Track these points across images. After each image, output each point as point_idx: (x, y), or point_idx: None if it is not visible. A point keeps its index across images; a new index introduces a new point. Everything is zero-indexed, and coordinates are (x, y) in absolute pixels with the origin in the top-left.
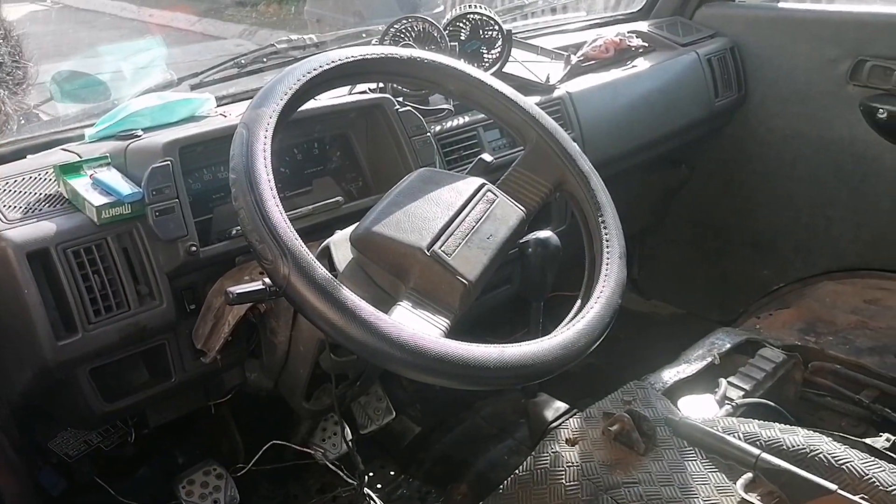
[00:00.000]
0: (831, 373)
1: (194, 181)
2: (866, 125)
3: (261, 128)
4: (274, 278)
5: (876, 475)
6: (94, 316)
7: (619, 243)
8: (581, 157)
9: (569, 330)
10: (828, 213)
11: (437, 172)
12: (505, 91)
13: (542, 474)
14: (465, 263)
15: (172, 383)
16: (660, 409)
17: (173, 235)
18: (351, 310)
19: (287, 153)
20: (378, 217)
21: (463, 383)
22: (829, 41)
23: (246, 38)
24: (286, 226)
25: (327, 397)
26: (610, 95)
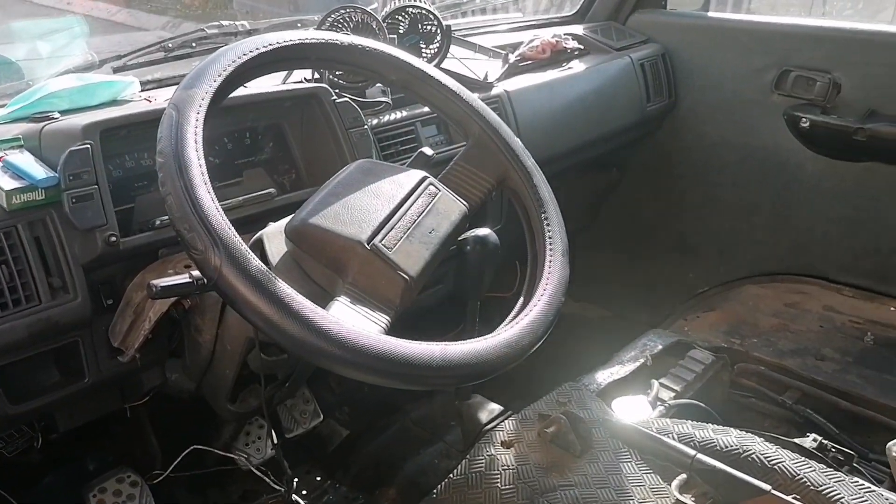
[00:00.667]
0: (755, 374)
1: (115, 168)
2: (790, 134)
3: (192, 110)
4: (204, 270)
5: (807, 475)
6: (1, 310)
7: (561, 240)
8: (524, 153)
9: (512, 328)
10: (751, 219)
11: (377, 164)
12: (448, 83)
13: (476, 478)
14: (407, 258)
15: (86, 384)
16: (595, 411)
17: (91, 224)
18: (287, 304)
19: (217, 142)
20: (315, 208)
21: (404, 382)
22: (757, 51)
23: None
24: (218, 214)
25: (254, 399)
26: (547, 95)
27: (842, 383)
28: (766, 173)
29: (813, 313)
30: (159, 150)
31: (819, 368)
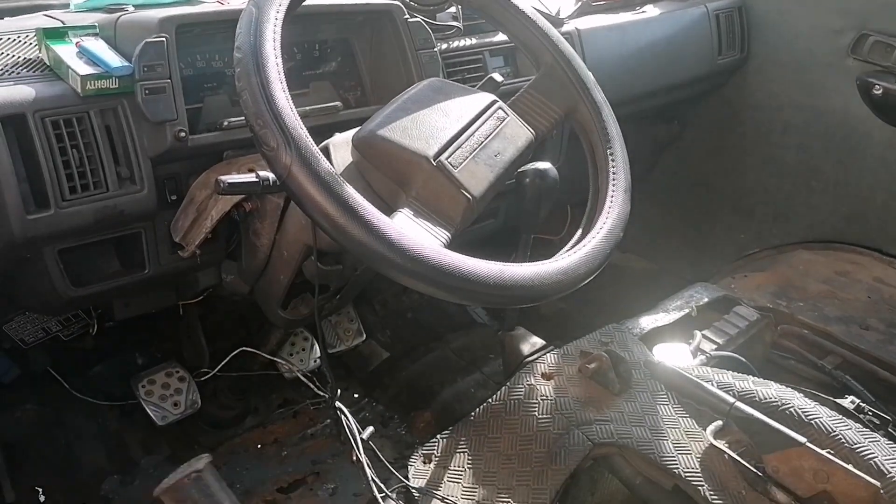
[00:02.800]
0: (798, 337)
1: (186, 67)
2: (860, 100)
3: (272, 8)
4: (274, 167)
5: (843, 433)
6: (70, 193)
7: (625, 177)
8: (595, 87)
9: (569, 256)
10: (811, 184)
11: (447, 83)
12: (525, 10)
13: (514, 405)
14: (471, 178)
15: (145, 275)
16: (636, 353)
17: (162, 118)
18: (353, 208)
19: (286, 51)
20: (384, 121)
21: (459, 297)
22: (835, 11)
23: None
24: (292, 113)
25: (304, 307)
26: (617, 38)
27: (884, 353)
28: (832, 138)
29: (862, 283)
30: (237, 46)
31: (862, 337)
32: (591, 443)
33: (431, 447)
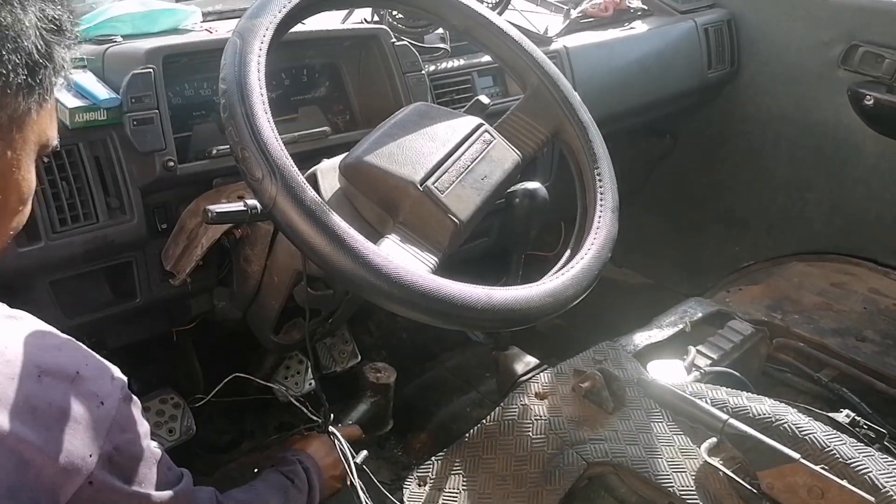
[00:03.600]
0: (794, 350)
1: (175, 95)
2: (852, 111)
3: (256, 39)
4: (260, 197)
5: (837, 448)
6: (60, 225)
7: (612, 197)
8: (581, 107)
9: (557, 278)
10: (804, 195)
11: (433, 108)
12: (510, 32)
13: (509, 425)
14: (458, 202)
15: (137, 304)
16: (630, 371)
17: (150, 148)
18: (339, 236)
19: (275, 77)
20: (371, 147)
21: (447, 322)
22: (825, 23)
23: None
24: (278, 143)
25: (296, 332)
26: (606, 54)
27: (880, 365)
28: (824, 150)
29: (858, 294)
30: (222, 77)
31: (858, 349)
32: (586, 462)
33: (426, 469)
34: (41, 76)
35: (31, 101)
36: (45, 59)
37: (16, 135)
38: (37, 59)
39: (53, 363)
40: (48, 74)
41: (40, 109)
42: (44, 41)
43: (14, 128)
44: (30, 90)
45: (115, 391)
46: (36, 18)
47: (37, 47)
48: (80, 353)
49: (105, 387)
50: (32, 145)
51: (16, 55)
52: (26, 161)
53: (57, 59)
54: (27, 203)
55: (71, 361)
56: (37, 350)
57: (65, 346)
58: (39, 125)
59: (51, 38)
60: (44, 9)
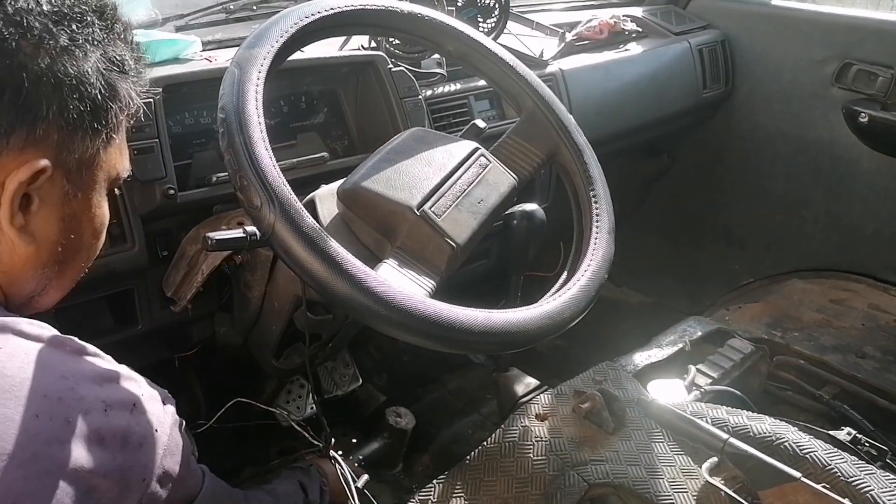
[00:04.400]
0: (794, 367)
1: (175, 124)
2: (847, 128)
3: (254, 68)
4: (259, 225)
5: (838, 466)
6: None
7: (608, 218)
8: (576, 129)
9: (555, 300)
10: (801, 213)
11: (430, 133)
12: (505, 57)
13: (509, 447)
14: (455, 226)
15: (138, 331)
16: (630, 391)
17: (151, 176)
18: (337, 263)
19: (273, 104)
20: (368, 172)
21: (446, 346)
22: (818, 42)
23: None
24: (275, 171)
25: (297, 357)
26: (601, 76)
27: (881, 381)
28: (820, 167)
29: (857, 311)
30: (221, 106)
31: (859, 365)
32: (587, 483)
33: (428, 493)
34: (107, 117)
35: (98, 142)
36: (109, 100)
37: (85, 176)
38: (101, 102)
39: (116, 396)
40: (114, 113)
41: (108, 147)
42: (107, 83)
43: (83, 170)
44: (95, 132)
45: (167, 417)
46: (98, 63)
47: (101, 91)
48: (135, 384)
49: (159, 414)
50: (103, 182)
51: (80, 103)
52: (97, 198)
53: (123, 97)
54: (101, 236)
55: (130, 393)
56: (101, 384)
57: (122, 377)
58: (108, 162)
59: (114, 78)
60: (105, 52)
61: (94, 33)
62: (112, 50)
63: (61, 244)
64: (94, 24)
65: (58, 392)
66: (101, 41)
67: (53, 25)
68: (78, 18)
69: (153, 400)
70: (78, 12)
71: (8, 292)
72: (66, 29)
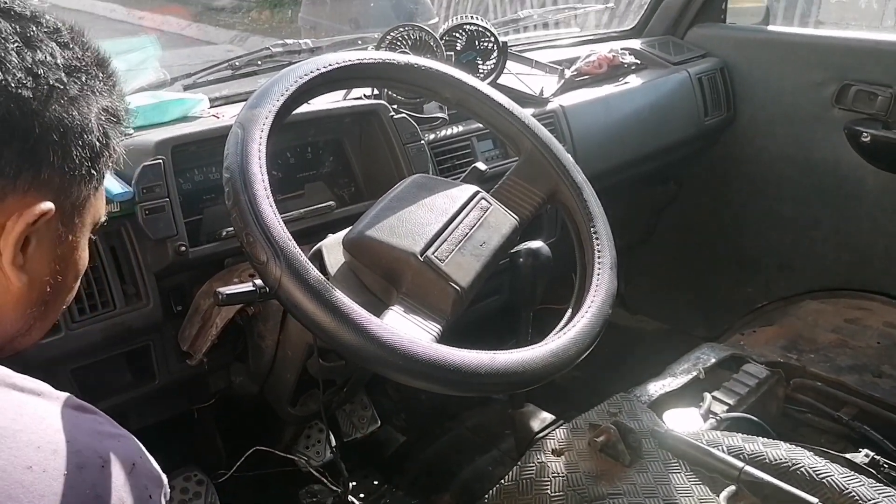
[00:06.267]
0: (812, 389)
1: (185, 181)
2: (850, 148)
3: (256, 128)
4: (266, 279)
5: (856, 489)
6: (79, 315)
7: (610, 254)
8: (574, 168)
9: (559, 338)
10: (811, 234)
11: (431, 179)
12: (500, 100)
13: (527, 484)
14: (458, 270)
15: (156, 385)
16: (645, 422)
17: (162, 235)
18: (343, 312)
19: (280, 156)
20: (371, 221)
21: (454, 389)
22: (816, 65)
23: (237, 44)
24: (280, 227)
25: (313, 403)
26: (602, 110)
27: None
28: (826, 188)
29: (873, 329)
30: (226, 166)
31: (876, 385)
32: None
33: None
34: (100, 164)
35: (90, 188)
36: (104, 148)
37: (76, 219)
38: (98, 149)
39: (115, 453)
40: (105, 161)
41: (96, 193)
42: (103, 132)
43: (75, 213)
44: (90, 178)
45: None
46: (98, 112)
47: (98, 139)
48: (134, 444)
49: (153, 479)
50: (88, 225)
51: (83, 150)
52: (83, 241)
53: (113, 147)
54: (79, 279)
55: (128, 453)
56: (100, 440)
57: (122, 437)
58: (95, 207)
59: (109, 128)
60: (105, 103)
61: (97, 85)
62: (110, 101)
63: (49, 284)
64: (98, 76)
65: (53, 444)
66: (101, 92)
67: (66, 76)
68: (85, 70)
69: (150, 464)
70: (85, 64)
71: None
72: (76, 80)
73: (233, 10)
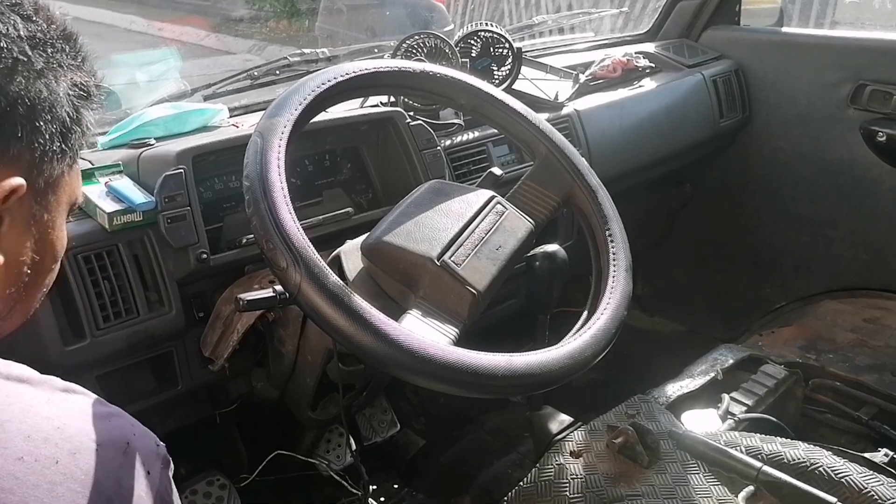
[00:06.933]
0: (831, 389)
1: (206, 190)
2: (866, 148)
3: (275, 137)
4: (286, 285)
5: (875, 489)
6: (103, 322)
7: (625, 256)
8: (589, 171)
9: (575, 340)
10: (828, 233)
11: (447, 184)
12: (515, 106)
13: (545, 486)
14: (475, 273)
15: (179, 391)
16: (663, 423)
17: (184, 243)
18: (362, 317)
19: (298, 164)
20: (389, 227)
21: (471, 391)
22: (831, 65)
23: (255, 54)
24: (299, 233)
25: (333, 407)
26: (617, 114)
27: None
28: (842, 187)
29: (892, 329)
30: (246, 175)
31: None
32: None
33: None
34: (72, 140)
35: (63, 165)
36: (75, 124)
37: (50, 197)
38: (69, 125)
39: (107, 435)
40: (78, 138)
41: (70, 171)
42: (74, 108)
43: (49, 191)
44: (62, 154)
45: (158, 459)
46: (67, 87)
47: (68, 114)
48: (126, 421)
49: (150, 455)
50: (64, 205)
51: (52, 125)
52: (60, 221)
53: (85, 123)
54: (58, 261)
55: (121, 432)
56: (88, 422)
57: (113, 415)
58: (70, 185)
59: (80, 103)
60: (73, 77)
61: (65, 59)
62: (79, 76)
63: (27, 265)
64: (65, 49)
65: (42, 432)
66: (69, 66)
67: (30, 49)
68: (51, 43)
69: (145, 439)
70: (51, 38)
71: None
72: (42, 53)
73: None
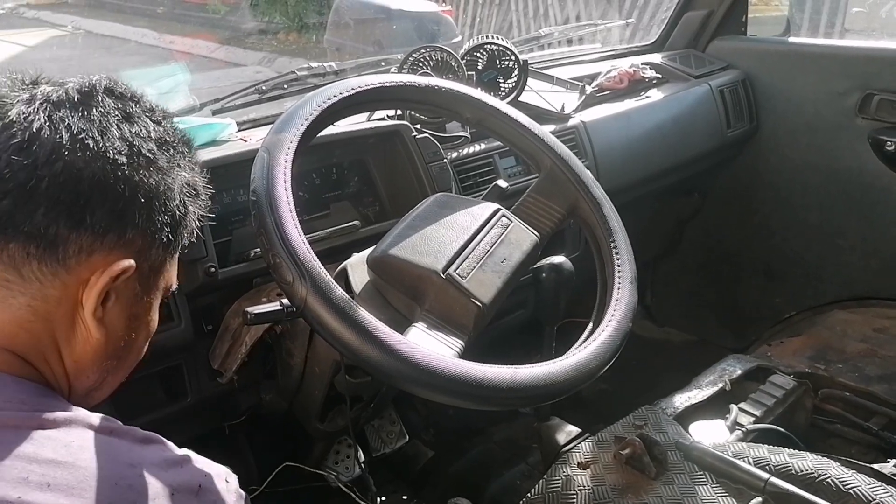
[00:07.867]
0: (841, 400)
1: (214, 204)
2: (875, 157)
3: (281, 152)
4: (292, 299)
5: (883, 499)
6: None
7: (630, 268)
8: (594, 183)
9: (580, 352)
10: (838, 243)
11: (452, 197)
12: (520, 119)
13: (553, 497)
14: (480, 286)
15: (188, 403)
16: (671, 434)
17: (193, 257)
18: (367, 330)
19: (306, 178)
20: (395, 240)
21: (476, 403)
22: (838, 75)
23: (265, 66)
24: (305, 247)
25: (341, 419)
26: (624, 125)
27: None
28: (851, 196)
29: None
30: (252, 190)
31: None
32: None
33: None
34: (178, 232)
35: (167, 254)
36: (183, 218)
37: (152, 282)
38: (178, 218)
39: (181, 479)
40: (182, 230)
41: (171, 260)
42: (184, 203)
43: (151, 275)
44: (168, 244)
45: (231, 495)
46: (181, 184)
47: (178, 209)
48: (198, 465)
49: (222, 494)
50: (161, 290)
51: (164, 216)
52: (155, 304)
53: (190, 217)
54: (148, 341)
55: (193, 476)
56: (166, 469)
57: (185, 461)
58: (169, 272)
59: (189, 200)
60: (187, 177)
61: (182, 160)
62: (189, 174)
63: (123, 340)
64: (184, 153)
65: (127, 480)
66: (185, 167)
67: (157, 149)
68: (174, 146)
69: (217, 479)
70: (173, 140)
71: (73, 384)
72: (165, 153)
73: (261, 33)
